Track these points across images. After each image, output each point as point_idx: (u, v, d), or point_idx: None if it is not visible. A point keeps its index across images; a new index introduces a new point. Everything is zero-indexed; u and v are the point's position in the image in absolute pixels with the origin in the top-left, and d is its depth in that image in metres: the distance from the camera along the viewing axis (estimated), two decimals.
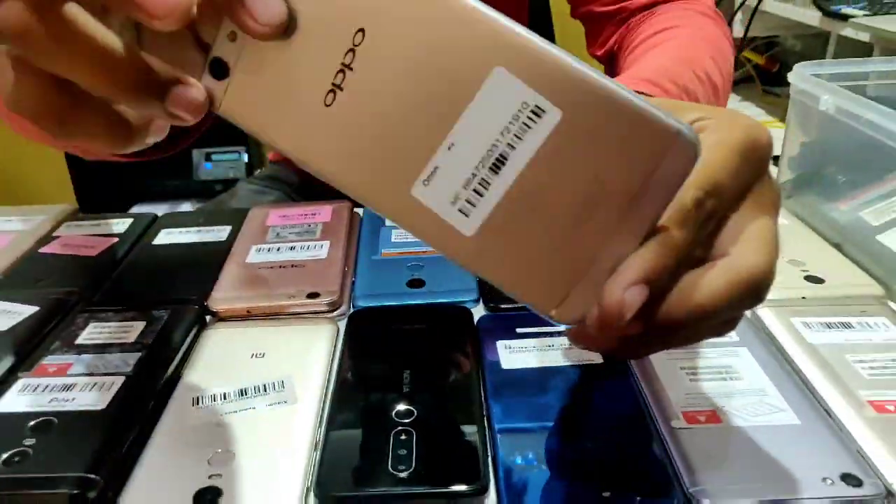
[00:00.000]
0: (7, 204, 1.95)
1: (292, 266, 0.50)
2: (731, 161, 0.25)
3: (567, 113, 0.22)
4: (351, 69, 0.23)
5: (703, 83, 0.53)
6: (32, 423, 0.35)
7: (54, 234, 0.57)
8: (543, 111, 0.22)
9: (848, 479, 0.32)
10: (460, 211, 0.24)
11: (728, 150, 0.25)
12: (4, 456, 0.32)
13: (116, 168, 1.77)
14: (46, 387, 0.37)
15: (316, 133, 0.24)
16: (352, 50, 0.23)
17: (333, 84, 0.24)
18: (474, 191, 0.23)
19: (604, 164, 0.22)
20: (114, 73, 0.22)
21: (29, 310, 0.44)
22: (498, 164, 0.23)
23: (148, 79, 0.23)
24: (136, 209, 1.84)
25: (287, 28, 0.23)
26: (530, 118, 0.22)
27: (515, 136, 0.23)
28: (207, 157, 1.80)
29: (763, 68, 1.81)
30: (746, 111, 1.65)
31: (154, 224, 0.59)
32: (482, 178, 0.23)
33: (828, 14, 1.21)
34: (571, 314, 0.24)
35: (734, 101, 1.75)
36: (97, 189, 1.83)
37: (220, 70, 0.24)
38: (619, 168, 0.22)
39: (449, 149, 0.23)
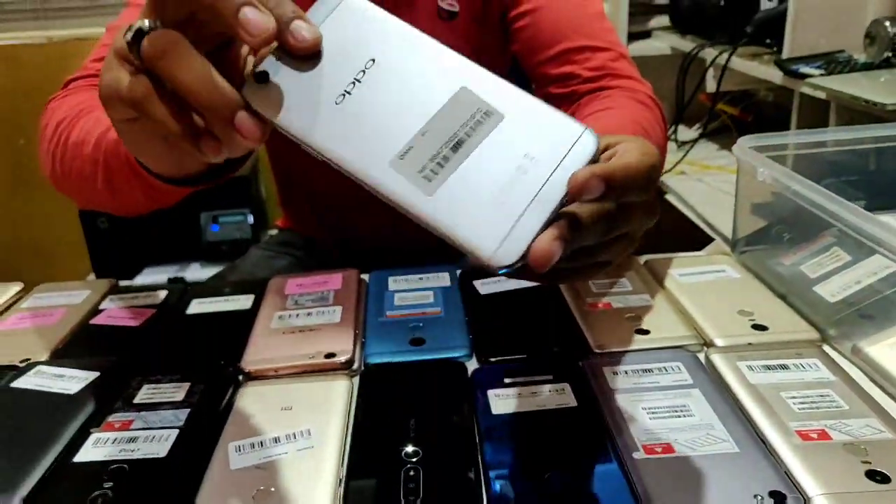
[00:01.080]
0: (28, 269, 2.03)
1: (310, 330, 0.58)
2: (637, 168, 0.35)
3: (508, 115, 0.33)
4: (360, 81, 0.34)
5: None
6: (108, 469, 0.42)
7: (100, 307, 0.65)
8: (491, 114, 0.33)
9: (775, 495, 0.40)
10: (425, 178, 0.33)
11: (637, 160, 0.35)
12: (90, 497, 0.40)
13: (127, 232, 1.86)
14: (115, 440, 0.45)
15: (325, 123, 0.34)
16: (363, 70, 0.35)
17: (345, 90, 0.34)
18: (437, 163, 0.33)
19: (533, 147, 0.33)
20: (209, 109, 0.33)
21: (91, 375, 0.52)
22: (457, 146, 0.33)
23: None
24: (147, 271, 1.92)
25: (316, 52, 0.34)
26: (482, 118, 0.33)
27: (471, 128, 0.33)
28: (214, 220, 1.88)
29: (738, 118, 1.92)
30: (723, 160, 1.76)
31: (186, 294, 0.67)
32: (444, 155, 0.33)
33: (788, 73, 1.31)
34: (503, 260, 0.32)
35: (713, 150, 1.85)
36: (110, 253, 1.91)
37: (262, 78, 0.34)
38: (543, 150, 0.33)
39: (422, 135, 0.33)
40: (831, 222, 0.57)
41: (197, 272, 1.90)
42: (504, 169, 0.32)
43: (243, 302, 0.64)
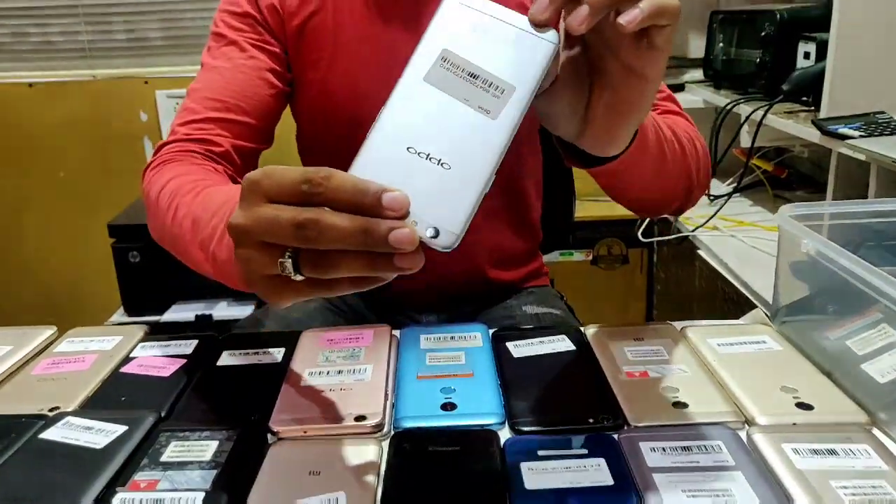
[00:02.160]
0: (59, 299, 2.06)
1: (341, 389, 0.57)
2: None
3: None
4: None
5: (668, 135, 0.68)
6: None
7: (131, 354, 0.65)
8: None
9: None
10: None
11: None
12: None
13: (158, 268, 1.88)
14: (140, 501, 0.44)
15: None
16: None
17: None
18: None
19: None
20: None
21: (119, 429, 0.52)
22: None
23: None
24: (175, 307, 1.93)
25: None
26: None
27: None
28: None
29: (772, 174, 1.90)
30: (757, 216, 1.74)
31: (217, 345, 0.66)
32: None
33: (826, 133, 1.29)
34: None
35: (746, 206, 1.83)
36: (141, 287, 1.93)
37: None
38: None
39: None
40: (878, 299, 0.55)
41: (224, 310, 1.91)
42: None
43: (274, 355, 0.63)
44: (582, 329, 0.68)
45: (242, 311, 1.89)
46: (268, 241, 0.40)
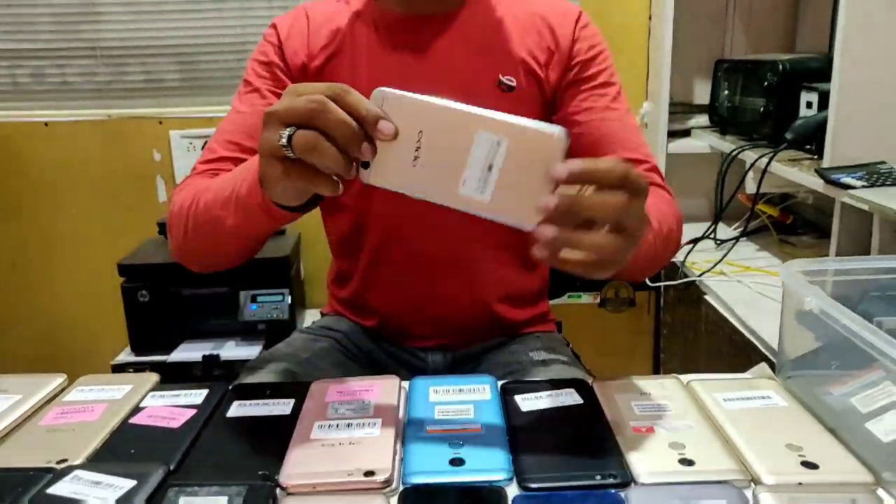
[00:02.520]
0: (69, 336, 2.07)
1: (350, 444, 0.57)
2: (607, 165, 0.54)
3: (509, 138, 0.53)
4: (420, 147, 0.55)
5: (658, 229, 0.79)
6: None
7: (141, 404, 0.66)
8: (501, 142, 0.53)
9: None
10: (479, 191, 0.54)
11: (609, 161, 0.54)
12: None
13: (166, 307, 1.89)
14: None
15: (411, 177, 0.55)
16: (418, 140, 0.55)
17: (415, 155, 0.55)
18: (483, 181, 0.54)
19: (530, 152, 0.53)
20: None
21: (128, 483, 0.52)
22: (490, 166, 0.54)
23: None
24: (183, 346, 1.94)
25: (394, 136, 0.55)
26: (497, 145, 0.53)
27: (493, 153, 0.54)
28: (253, 299, 1.91)
29: (778, 220, 1.91)
30: (763, 261, 1.75)
31: (227, 395, 0.67)
32: (486, 175, 0.54)
33: (829, 182, 1.31)
34: (535, 219, 0.53)
35: (752, 250, 1.84)
36: (148, 327, 1.94)
37: (365, 165, 0.56)
38: (536, 152, 0.53)
39: (468, 168, 0.54)
40: (879, 358, 0.55)
41: (232, 350, 1.91)
42: (520, 167, 0.53)
43: (283, 407, 0.64)
44: (590, 382, 0.69)
45: (250, 351, 1.90)
46: (285, 119, 0.56)
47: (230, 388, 0.69)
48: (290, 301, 1.91)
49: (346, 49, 0.94)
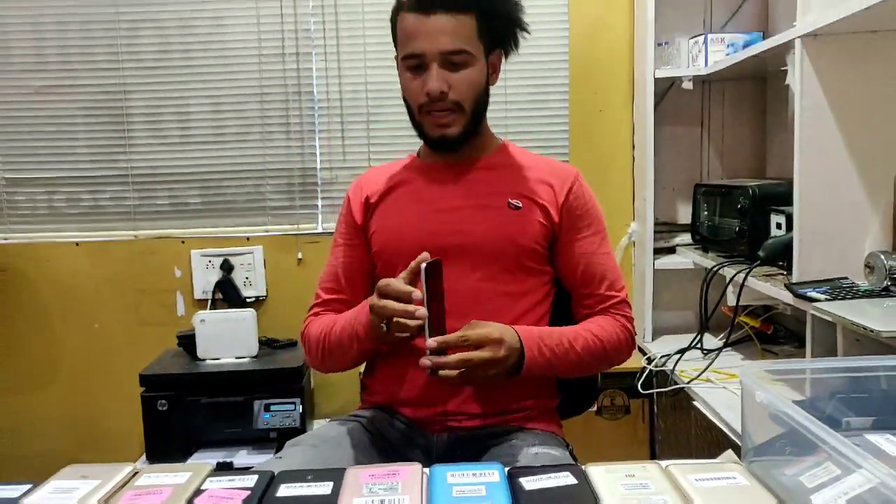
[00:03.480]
0: (89, 448, 2.16)
1: None
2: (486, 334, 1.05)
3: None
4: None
5: (567, 348, 1.16)
6: None
7: (202, 487, 0.77)
8: None
9: None
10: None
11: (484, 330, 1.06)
12: None
13: (183, 415, 1.99)
14: None
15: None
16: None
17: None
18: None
19: None
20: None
21: None
22: None
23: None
24: (197, 454, 2.02)
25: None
26: None
27: None
28: (266, 408, 2.01)
29: (760, 330, 2.05)
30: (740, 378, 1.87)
31: (274, 479, 0.79)
32: None
33: (797, 296, 1.46)
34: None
35: (737, 359, 1.97)
36: (164, 434, 2.03)
37: None
38: None
39: None
40: (818, 444, 0.68)
41: (244, 458, 1.99)
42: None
43: (324, 488, 0.76)
44: (583, 467, 0.81)
45: (262, 458, 1.98)
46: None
47: (276, 473, 0.81)
48: (301, 410, 2.01)
49: (398, 187, 1.28)
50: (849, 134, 1.51)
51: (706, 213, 2.14)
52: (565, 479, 0.77)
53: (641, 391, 2.00)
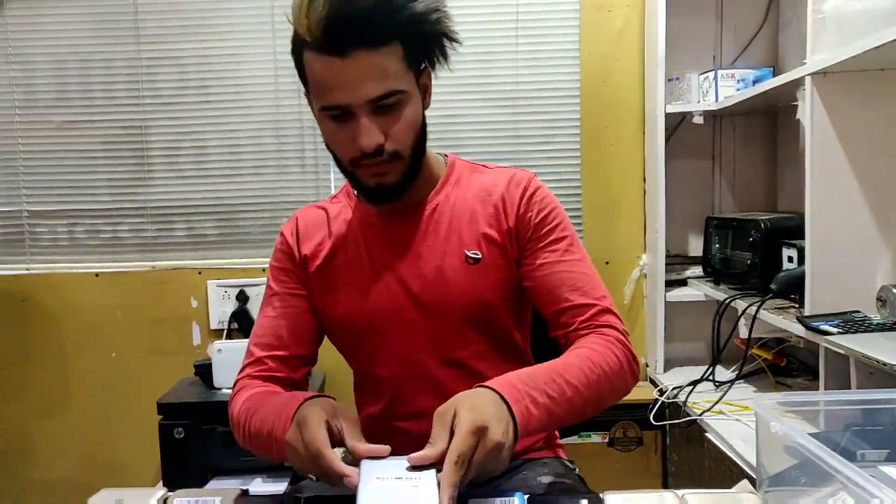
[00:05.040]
0: (105, 471, 2.17)
1: None
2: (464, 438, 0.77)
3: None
4: None
5: (560, 384, 0.91)
6: None
7: None
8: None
9: None
10: None
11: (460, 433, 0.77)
12: None
13: (199, 444, 2.00)
14: None
15: None
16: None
17: None
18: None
19: None
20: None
21: None
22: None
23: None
24: (213, 482, 2.03)
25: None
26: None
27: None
28: None
29: (773, 362, 2.05)
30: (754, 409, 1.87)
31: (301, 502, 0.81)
32: None
33: (810, 329, 1.47)
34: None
35: (749, 391, 1.97)
36: (182, 462, 2.04)
37: None
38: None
39: None
40: (833, 475, 0.70)
41: (260, 486, 2.00)
42: None
43: None
44: (601, 495, 0.82)
45: (276, 487, 1.99)
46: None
47: (303, 499, 0.82)
48: None
49: (342, 248, 1.13)
50: (859, 168, 1.53)
51: (718, 245, 2.16)
52: None
53: (654, 423, 2.00)
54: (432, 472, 0.76)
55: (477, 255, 1.09)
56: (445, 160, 1.18)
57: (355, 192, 1.17)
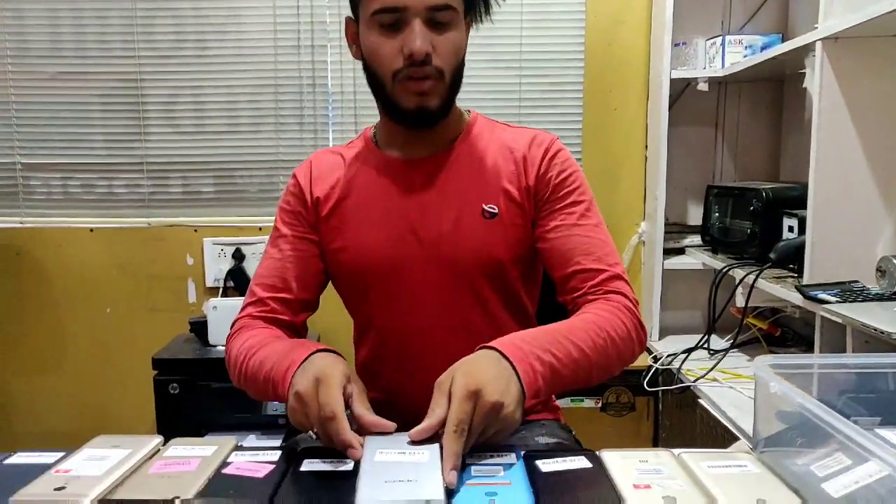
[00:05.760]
0: (99, 426, 2.20)
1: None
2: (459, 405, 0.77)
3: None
4: None
5: (566, 345, 0.90)
6: None
7: (228, 459, 0.79)
8: None
9: None
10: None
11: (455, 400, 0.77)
12: None
13: (194, 399, 2.01)
14: None
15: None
16: None
17: None
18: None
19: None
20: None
21: None
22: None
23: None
24: (207, 437, 2.04)
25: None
26: None
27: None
28: None
29: (767, 332, 2.06)
30: (752, 370, 1.88)
31: (298, 454, 0.81)
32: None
33: (808, 298, 1.47)
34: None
35: (743, 360, 1.98)
36: (177, 418, 2.05)
37: None
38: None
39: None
40: (833, 434, 0.70)
41: (253, 443, 2.02)
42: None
43: (347, 465, 0.78)
44: (597, 452, 0.82)
45: (270, 444, 2.00)
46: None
47: (300, 449, 0.82)
48: None
49: (356, 191, 1.12)
50: (866, 138, 1.52)
51: (718, 214, 2.15)
52: (580, 462, 0.79)
53: (647, 388, 2.01)
54: (436, 445, 0.77)
55: (494, 209, 1.07)
56: (468, 114, 1.17)
57: (374, 137, 1.16)
